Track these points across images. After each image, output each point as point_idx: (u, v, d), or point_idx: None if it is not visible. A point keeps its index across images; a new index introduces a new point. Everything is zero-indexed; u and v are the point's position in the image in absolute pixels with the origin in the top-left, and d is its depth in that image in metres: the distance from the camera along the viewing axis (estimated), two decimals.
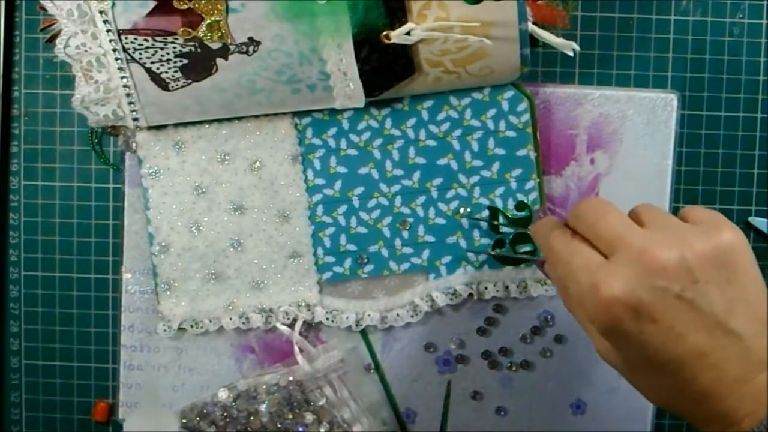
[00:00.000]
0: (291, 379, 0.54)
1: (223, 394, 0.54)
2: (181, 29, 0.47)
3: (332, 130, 0.53)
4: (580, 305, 0.38)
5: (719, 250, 0.36)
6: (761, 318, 0.36)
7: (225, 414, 0.54)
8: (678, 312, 0.36)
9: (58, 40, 0.48)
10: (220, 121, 0.52)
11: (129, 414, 0.55)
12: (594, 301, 0.37)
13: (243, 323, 0.54)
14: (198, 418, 0.54)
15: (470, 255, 0.53)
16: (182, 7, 0.47)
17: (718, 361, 0.36)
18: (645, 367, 0.38)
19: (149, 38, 0.48)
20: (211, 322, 0.54)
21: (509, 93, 0.52)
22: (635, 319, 0.36)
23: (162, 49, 0.48)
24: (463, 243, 0.53)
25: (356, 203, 0.53)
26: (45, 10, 0.48)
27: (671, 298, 0.36)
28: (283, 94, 0.50)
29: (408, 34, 0.47)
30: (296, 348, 0.54)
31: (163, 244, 0.53)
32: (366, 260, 0.54)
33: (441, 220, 0.53)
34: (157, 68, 0.49)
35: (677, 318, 0.36)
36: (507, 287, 0.54)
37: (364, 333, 0.55)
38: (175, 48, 0.48)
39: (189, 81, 0.49)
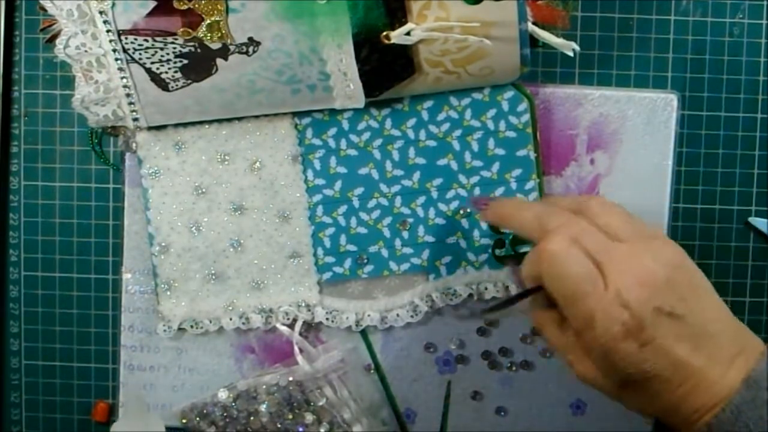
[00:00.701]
0: (291, 379, 0.53)
1: (223, 394, 0.54)
2: (181, 29, 0.47)
3: (332, 131, 0.53)
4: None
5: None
6: None
7: (225, 414, 0.54)
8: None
9: (58, 41, 0.48)
10: (220, 121, 0.52)
11: (124, 413, 0.55)
12: None
13: (243, 323, 0.54)
14: (198, 418, 0.54)
15: (470, 255, 0.53)
16: (182, 8, 0.47)
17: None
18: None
19: (149, 38, 0.48)
20: (211, 322, 0.54)
21: (509, 93, 0.52)
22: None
23: (162, 49, 0.48)
24: (463, 243, 0.53)
25: (356, 203, 0.53)
26: (45, 10, 0.48)
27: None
28: (283, 95, 0.50)
29: (408, 34, 0.47)
30: (296, 348, 0.54)
31: (163, 244, 0.53)
32: (366, 260, 0.54)
33: (441, 221, 0.53)
34: (157, 68, 0.49)
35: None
36: (507, 287, 0.54)
37: (364, 333, 0.55)
38: (175, 48, 0.48)
39: (189, 81, 0.49)
